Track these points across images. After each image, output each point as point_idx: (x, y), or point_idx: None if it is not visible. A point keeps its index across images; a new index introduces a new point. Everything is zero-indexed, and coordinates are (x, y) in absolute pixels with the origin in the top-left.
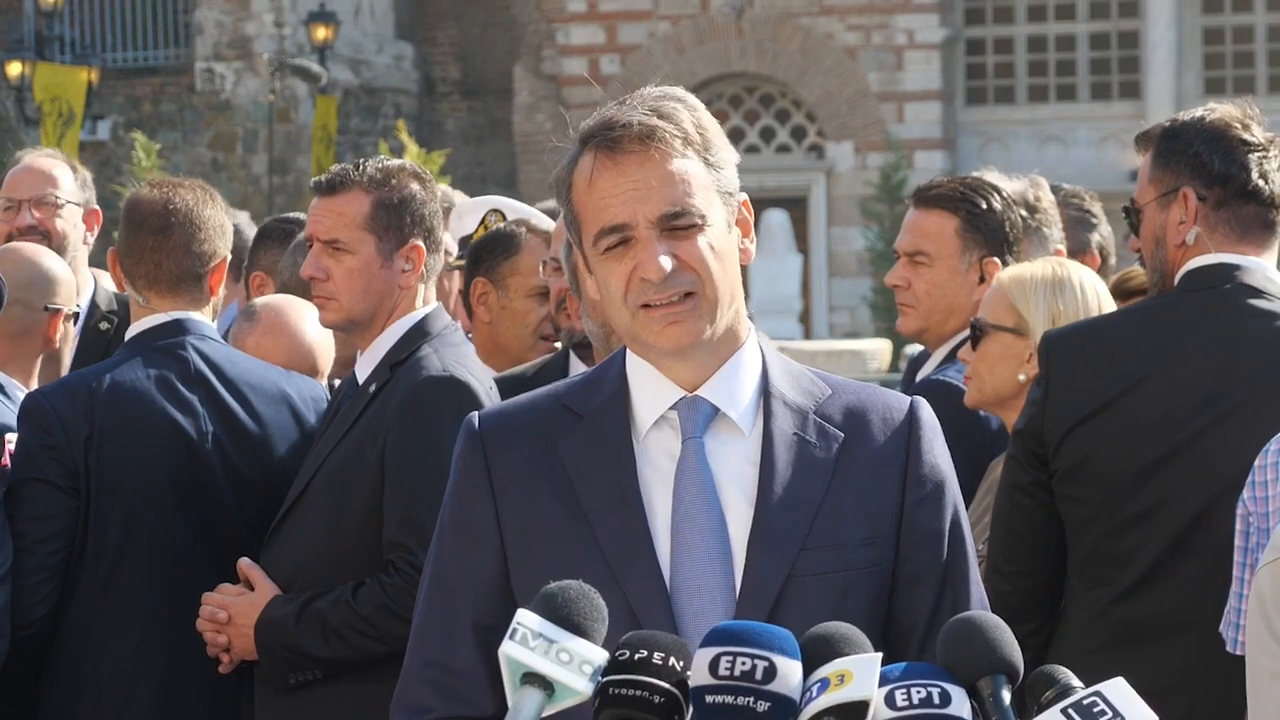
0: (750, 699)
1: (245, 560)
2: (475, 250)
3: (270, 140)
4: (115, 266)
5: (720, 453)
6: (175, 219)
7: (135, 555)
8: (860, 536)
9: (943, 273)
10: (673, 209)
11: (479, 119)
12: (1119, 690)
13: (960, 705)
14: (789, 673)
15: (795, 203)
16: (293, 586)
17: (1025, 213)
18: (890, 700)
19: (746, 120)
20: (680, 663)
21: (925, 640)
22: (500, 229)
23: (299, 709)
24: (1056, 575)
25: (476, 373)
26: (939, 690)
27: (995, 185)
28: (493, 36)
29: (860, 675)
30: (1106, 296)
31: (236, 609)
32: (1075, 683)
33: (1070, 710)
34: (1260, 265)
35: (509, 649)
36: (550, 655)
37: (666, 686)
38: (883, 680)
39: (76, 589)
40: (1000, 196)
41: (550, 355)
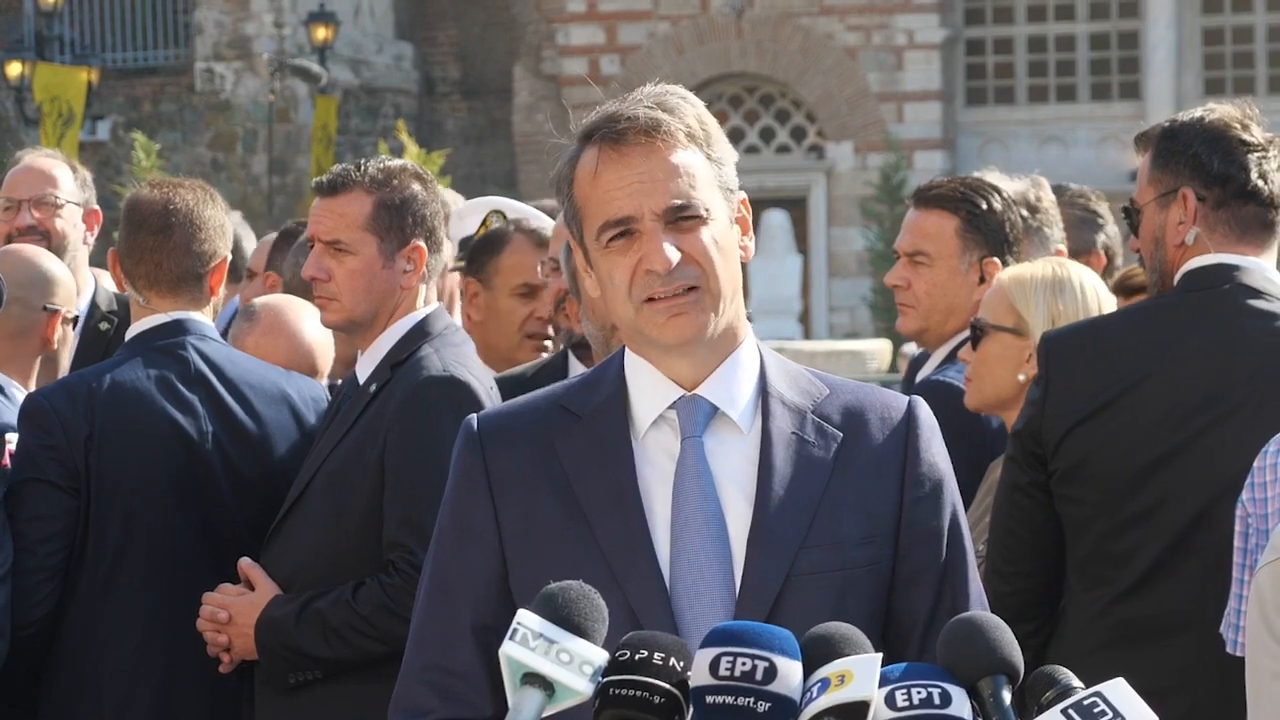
0: (750, 699)
1: (245, 560)
2: (469, 251)
3: (270, 140)
4: (115, 266)
5: (719, 452)
6: (175, 219)
7: (135, 555)
8: (859, 535)
9: (943, 273)
10: (678, 201)
11: (479, 119)
12: (1119, 691)
13: (961, 705)
14: (789, 673)
15: (795, 203)
16: (293, 586)
17: (1026, 213)
18: (890, 700)
19: (746, 120)
20: (680, 663)
21: (925, 639)
22: (493, 229)
23: (299, 709)
24: (1056, 576)
25: (477, 373)
26: (939, 690)
27: (995, 185)
28: (493, 36)
29: (860, 675)
30: (1107, 297)
31: (237, 609)
32: (1075, 683)
33: (1070, 711)
34: (1259, 265)
35: (509, 649)
36: (550, 655)
37: (667, 687)
38: (883, 680)
39: (76, 589)
40: (1000, 197)
41: (550, 356)
